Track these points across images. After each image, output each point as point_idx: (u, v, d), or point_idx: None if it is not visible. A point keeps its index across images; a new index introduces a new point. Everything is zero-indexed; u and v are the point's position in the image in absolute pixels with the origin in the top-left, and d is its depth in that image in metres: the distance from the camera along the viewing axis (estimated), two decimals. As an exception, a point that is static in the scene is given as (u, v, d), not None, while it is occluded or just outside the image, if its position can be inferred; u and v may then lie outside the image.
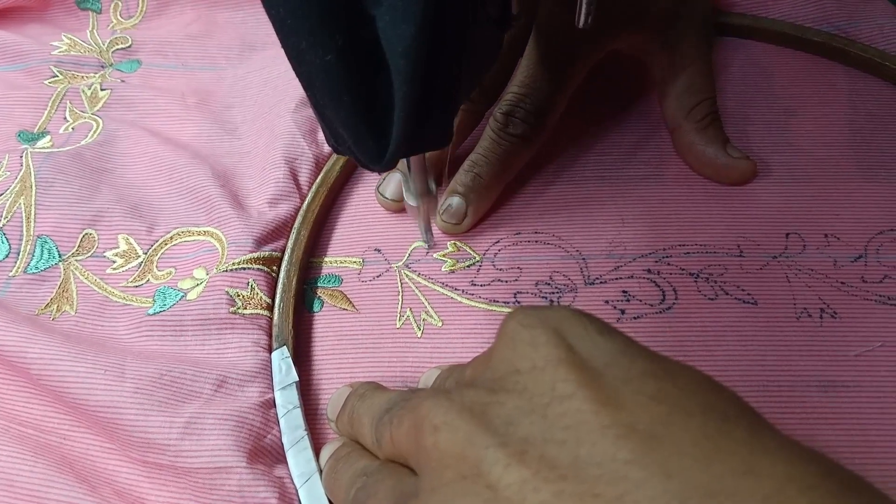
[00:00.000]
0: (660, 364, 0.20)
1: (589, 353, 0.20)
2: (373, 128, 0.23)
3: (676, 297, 0.35)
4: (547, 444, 0.18)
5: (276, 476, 0.30)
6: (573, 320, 0.21)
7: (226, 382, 0.31)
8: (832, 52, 0.44)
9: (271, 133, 0.41)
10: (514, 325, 0.22)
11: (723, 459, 0.17)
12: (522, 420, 0.19)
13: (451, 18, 0.22)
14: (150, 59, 0.49)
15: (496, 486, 0.19)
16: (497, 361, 0.22)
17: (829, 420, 0.31)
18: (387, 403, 0.26)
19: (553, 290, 0.36)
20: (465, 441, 0.20)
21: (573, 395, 0.19)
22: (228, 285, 0.34)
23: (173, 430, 0.29)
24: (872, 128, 0.41)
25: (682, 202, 0.38)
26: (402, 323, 0.35)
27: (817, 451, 0.18)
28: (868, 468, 0.30)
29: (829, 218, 0.37)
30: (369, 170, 0.26)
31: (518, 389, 0.20)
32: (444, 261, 0.37)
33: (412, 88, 0.22)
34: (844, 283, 0.35)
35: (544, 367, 0.20)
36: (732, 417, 0.18)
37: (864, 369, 0.33)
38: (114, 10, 0.51)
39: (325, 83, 0.22)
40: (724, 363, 0.33)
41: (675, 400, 0.18)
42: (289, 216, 0.37)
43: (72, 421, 0.32)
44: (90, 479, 0.30)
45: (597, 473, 0.17)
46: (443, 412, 0.21)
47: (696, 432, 0.18)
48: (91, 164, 0.42)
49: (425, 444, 0.21)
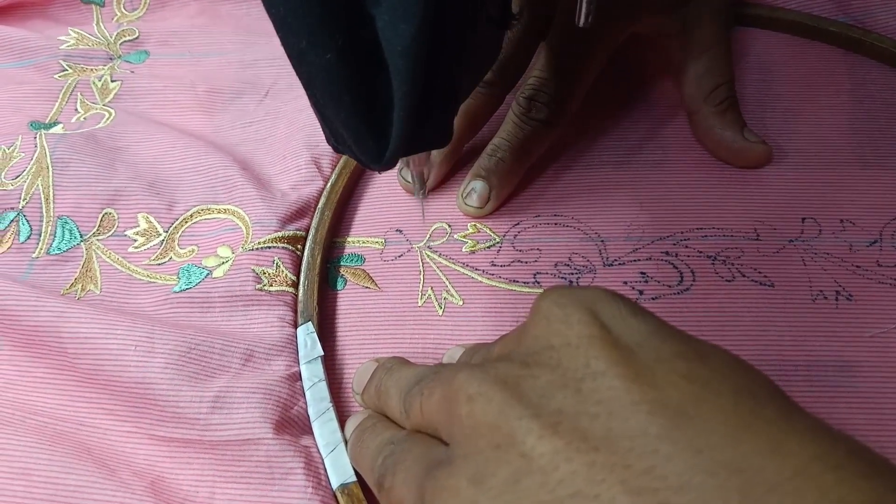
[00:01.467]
0: (691, 345, 0.20)
1: (622, 333, 0.20)
2: (373, 127, 0.23)
3: (694, 279, 0.36)
4: (580, 416, 0.19)
5: (302, 445, 0.30)
6: (606, 300, 0.22)
7: (253, 356, 0.32)
8: (848, 43, 0.44)
9: (290, 123, 0.41)
10: (548, 303, 0.22)
11: (751, 438, 0.17)
12: (556, 393, 0.20)
13: (450, 18, 0.22)
14: (157, 50, 0.49)
15: (529, 455, 0.19)
16: (530, 338, 0.22)
17: (846, 398, 0.32)
18: (415, 377, 0.27)
19: (572, 272, 0.36)
20: (498, 411, 0.20)
21: (606, 372, 0.19)
22: (255, 263, 0.34)
23: (203, 404, 0.30)
24: (888, 116, 0.41)
25: (699, 186, 0.39)
26: (423, 301, 0.36)
27: (845, 433, 0.18)
28: (884, 445, 0.31)
29: (845, 203, 0.38)
30: (370, 169, 0.26)
31: (552, 364, 0.21)
32: (464, 242, 0.37)
33: (412, 88, 0.22)
34: (860, 267, 0.36)
35: (578, 344, 0.20)
36: (762, 398, 0.19)
37: (880, 350, 0.33)
38: (117, 3, 0.52)
39: (325, 83, 0.23)
40: (741, 343, 0.34)
41: (705, 380, 0.19)
42: (312, 197, 0.38)
43: (89, 406, 0.32)
44: (108, 462, 0.31)
45: (628, 446, 0.18)
46: (477, 383, 0.21)
47: (726, 411, 0.18)
48: (105, 143, 0.42)
49: (459, 412, 0.21)
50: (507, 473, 0.19)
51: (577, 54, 0.37)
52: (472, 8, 0.24)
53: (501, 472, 0.20)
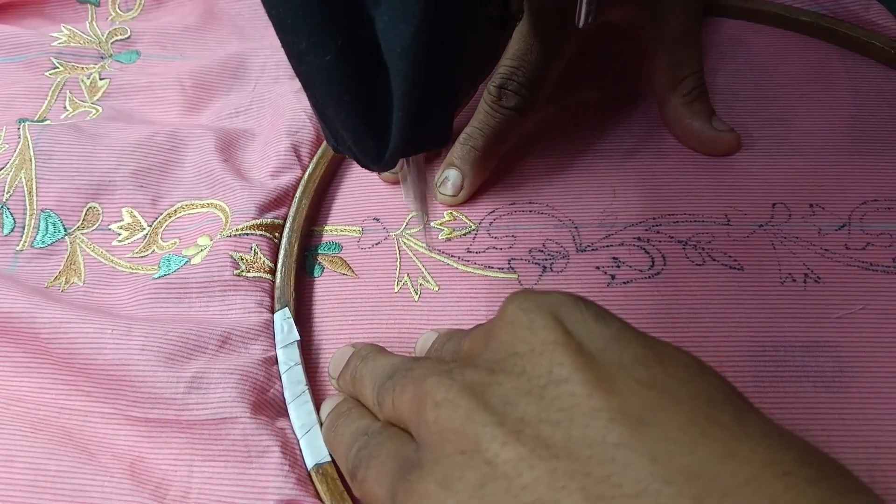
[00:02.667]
0: (652, 349, 0.21)
1: (585, 338, 0.21)
2: (373, 128, 0.23)
3: (665, 264, 0.36)
4: (542, 424, 0.19)
5: (277, 427, 0.31)
6: (571, 305, 0.22)
7: (230, 339, 0.32)
8: (820, 32, 0.45)
9: (275, 110, 0.42)
10: (513, 308, 0.22)
11: (707, 444, 0.18)
12: (520, 400, 0.20)
13: (450, 18, 0.22)
14: (148, 50, 0.49)
15: (494, 462, 0.20)
16: (496, 343, 0.22)
17: (813, 378, 0.32)
18: (389, 368, 0.27)
19: (546, 257, 0.37)
20: (465, 418, 0.21)
21: (568, 379, 0.20)
22: (232, 249, 0.35)
23: (180, 384, 0.31)
24: (858, 103, 0.42)
25: (672, 173, 0.39)
26: (399, 287, 0.36)
27: (799, 437, 0.19)
28: (848, 423, 0.31)
29: (815, 189, 0.38)
30: (369, 169, 0.26)
31: (516, 371, 0.21)
32: (440, 229, 0.38)
33: (411, 88, 0.22)
34: (828, 251, 0.36)
35: (542, 350, 0.21)
36: (719, 402, 0.19)
37: (847, 331, 0.34)
38: (112, 2, 0.52)
39: (325, 83, 0.23)
40: (710, 326, 0.34)
41: (664, 386, 0.19)
42: (290, 186, 0.38)
43: (69, 391, 0.32)
44: (89, 446, 0.31)
45: (588, 454, 0.18)
46: (444, 390, 0.22)
47: (683, 418, 0.18)
48: (88, 133, 0.42)
49: (427, 418, 0.22)
50: (474, 479, 0.20)
51: (547, 42, 0.37)
52: (472, 8, 0.24)
53: (468, 477, 0.20)
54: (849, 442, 0.31)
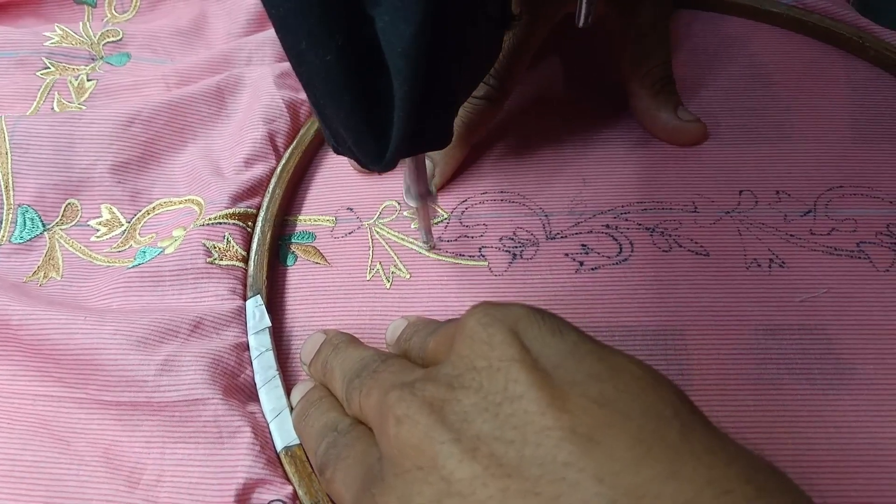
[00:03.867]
0: (606, 363, 0.21)
1: (541, 354, 0.21)
2: (373, 128, 0.23)
3: (632, 250, 0.37)
4: (497, 442, 0.20)
5: (248, 411, 0.31)
6: (528, 320, 0.23)
7: (202, 325, 0.33)
8: (790, 23, 0.45)
9: (253, 92, 0.42)
10: (473, 323, 0.23)
11: (651, 464, 0.18)
12: (476, 417, 0.21)
13: (450, 19, 0.22)
14: (139, 53, 0.49)
15: (449, 479, 0.20)
16: (457, 357, 0.23)
17: (775, 360, 0.33)
18: (358, 364, 0.28)
19: (516, 245, 0.37)
20: (423, 434, 0.21)
21: (523, 396, 0.20)
22: (205, 238, 0.36)
23: (151, 367, 0.31)
24: (825, 92, 0.42)
25: (641, 163, 0.40)
26: (371, 275, 0.37)
27: (745, 450, 0.20)
28: (811, 402, 0.32)
29: (782, 176, 0.39)
30: (369, 170, 0.26)
31: (474, 387, 0.21)
32: (413, 218, 0.39)
33: (412, 88, 0.22)
34: (793, 236, 0.37)
35: (499, 366, 0.21)
36: (667, 418, 0.20)
37: (809, 314, 0.34)
38: (109, 4, 0.52)
39: (325, 83, 0.23)
40: (676, 309, 0.35)
41: (615, 403, 0.20)
42: (264, 176, 0.39)
43: (42, 377, 0.33)
44: (65, 434, 0.32)
45: (538, 473, 0.19)
46: (405, 406, 0.22)
47: (631, 436, 0.19)
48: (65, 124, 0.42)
49: (389, 433, 0.23)
50: (431, 495, 0.21)
51: (516, 32, 0.38)
52: (472, 8, 0.24)
53: (426, 493, 0.21)
54: (812, 422, 0.31)
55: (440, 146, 0.26)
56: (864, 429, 0.31)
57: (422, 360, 0.28)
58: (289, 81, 0.43)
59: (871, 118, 0.41)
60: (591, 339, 0.22)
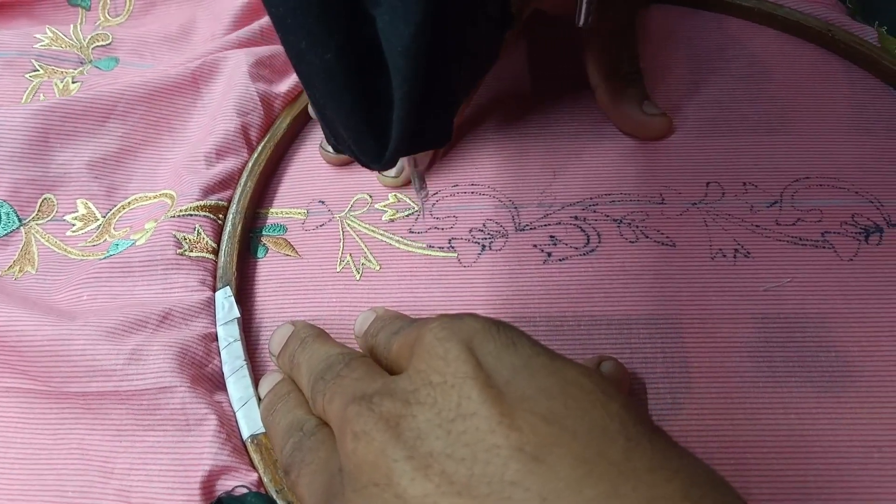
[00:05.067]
0: (557, 378, 0.22)
1: (494, 369, 0.22)
2: (373, 127, 0.23)
3: (600, 241, 0.37)
4: (448, 459, 0.20)
5: (215, 400, 0.32)
6: (484, 334, 0.23)
7: (171, 316, 0.33)
8: (760, 17, 0.46)
9: (227, 80, 0.42)
10: (430, 338, 0.23)
11: (593, 483, 0.19)
12: (430, 434, 0.21)
13: (450, 19, 0.22)
14: (127, 58, 0.49)
15: (403, 497, 0.21)
16: (414, 371, 0.23)
17: (737, 349, 0.34)
18: (324, 363, 0.28)
19: (486, 236, 0.38)
20: (379, 451, 0.22)
21: (475, 414, 0.21)
22: (176, 229, 0.36)
23: (120, 356, 0.32)
24: (794, 85, 0.43)
25: (610, 155, 0.40)
26: (342, 267, 0.37)
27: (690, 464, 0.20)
28: (773, 390, 0.32)
29: (749, 167, 0.39)
30: (369, 168, 0.26)
31: (429, 402, 0.22)
32: (384, 211, 0.39)
33: (412, 88, 0.22)
34: (759, 227, 0.37)
35: (453, 383, 0.22)
36: (613, 434, 0.20)
37: (773, 303, 0.35)
38: (102, 7, 0.52)
39: (325, 82, 0.23)
40: (642, 299, 0.35)
41: (563, 420, 0.20)
42: (236, 169, 0.39)
43: (9, 372, 0.33)
44: (40, 427, 0.32)
45: (486, 492, 0.19)
46: (363, 421, 0.23)
47: (576, 455, 0.19)
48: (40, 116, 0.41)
49: (347, 448, 0.23)
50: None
51: None
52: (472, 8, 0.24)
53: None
54: (773, 409, 0.32)
55: (440, 145, 0.26)
56: (824, 414, 0.32)
57: (385, 360, 0.29)
58: (264, 72, 0.43)
59: (840, 110, 0.42)
60: (545, 352, 0.23)
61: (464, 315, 0.24)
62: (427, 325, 0.24)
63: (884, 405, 0.32)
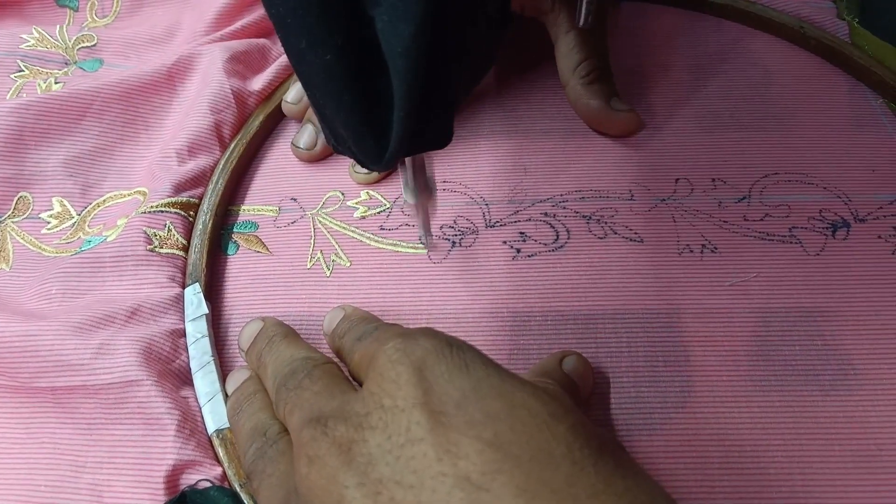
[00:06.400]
0: (505, 401, 0.22)
1: (443, 392, 0.22)
2: (373, 128, 0.23)
3: (569, 237, 0.37)
4: (397, 486, 0.21)
5: (181, 395, 0.32)
6: (436, 355, 0.23)
7: (139, 312, 0.34)
8: (734, 14, 0.46)
9: (202, 77, 0.43)
10: (384, 360, 0.24)
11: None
12: (380, 460, 0.21)
13: (450, 18, 0.22)
14: (111, 60, 0.49)
15: None
16: (368, 393, 0.24)
17: (702, 343, 0.34)
18: (288, 367, 0.29)
19: (456, 233, 0.38)
20: (330, 477, 0.22)
21: (423, 440, 0.21)
22: (146, 226, 0.36)
23: (87, 351, 0.32)
24: (766, 82, 0.43)
25: (581, 152, 0.41)
26: (312, 264, 0.37)
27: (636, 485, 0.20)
28: (737, 384, 0.32)
29: (718, 164, 0.40)
30: (369, 169, 0.26)
31: (380, 427, 0.22)
32: (356, 208, 0.39)
33: (412, 88, 0.22)
34: (727, 222, 0.37)
35: (403, 407, 0.22)
36: (558, 459, 0.20)
37: (737, 297, 0.35)
38: (90, 8, 0.52)
39: (325, 83, 0.23)
40: (608, 294, 0.35)
41: (508, 445, 0.20)
42: (208, 166, 0.39)
43: None
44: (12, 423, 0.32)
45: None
46: (317, 446, 0.23)
47: (518, 483, 0.20)
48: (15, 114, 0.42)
49: (301, 471, 0.23)
50: None
51: None
52: (472, 8, 0.24)
53: None
54: (737, 403, 0.32)
55: (440, 146, 0.26)
56: (786, 408, 0.32)
57: (348, 365, 0.29)
58: (238, 68, 0.43)
59: (811, 106, 0.42)
60: (496, 373, 0.23)
61: (418, 334, 0.24)
62: (383, 344, 0.24)
63: (848, 397, 0.32)
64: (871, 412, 0.31)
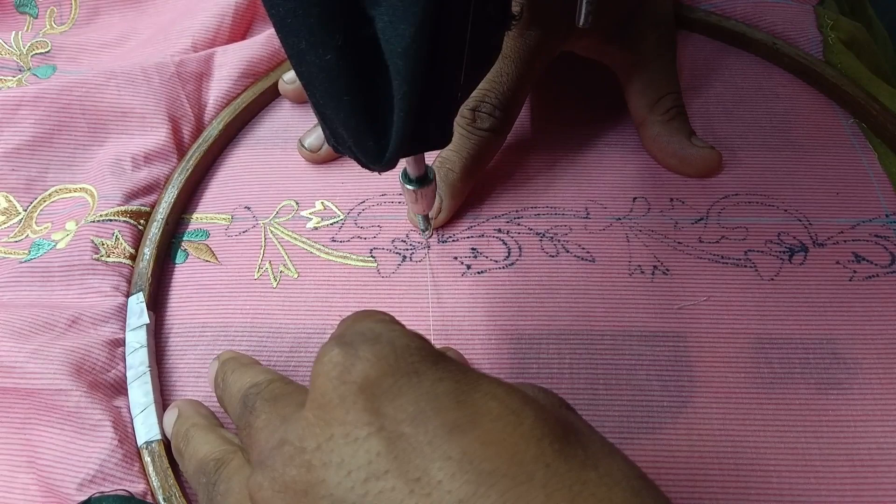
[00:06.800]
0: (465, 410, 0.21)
1: (398, 410, 0.20)
2: (373, 128, 0.23)
3: (521, 254, 0.37)
4: None
5: (113, 405, 0.32)
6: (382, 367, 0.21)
7: (79, 321, 0.34)
8: (708, 28, 0.45)
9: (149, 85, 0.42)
10: (323, 380, 0.21)
11: None
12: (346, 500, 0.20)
13: (450, 18, 0.22)
14: (64, 66, 0.49)
15: None
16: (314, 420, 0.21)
17: (646, 367, 0.33)
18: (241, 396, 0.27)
19: (407, 247, 0.38)
20: None
21: (387, 472, 0.20)
22: (94, 234, 0.36)
23: (21, 354, 0.32)
24: (735, 99, 0.42)
25: (538, 168, 0.40)
26: (259, 274, 0.37)
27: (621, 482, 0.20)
28: (676, 410, 0.32)
29: (678, 183, 0.39)
30: (370, 169, 0.26)
31: (336, 462, 0.20)
32: (309, 218, 0.39)
33: (412, 88, 0.22)
34: (681, 243, 0.37)
35: (356, 436, 0.20)
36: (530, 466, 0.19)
37: (686, 321, 0.34)
38: (49, 15, 0.52)
39: (325, 83, 0.22)
40: (555, 314, 0.35)
41: (480, 462, 0.19)
42: (163, 175, 0.39)
43: None
44: None
45: None
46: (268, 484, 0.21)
47: None
48: None
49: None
50: None
51: (517, 65, 0.37)
52: (473, 8, 0.24)
53: None
54: (676, 429, 0.31)
55: (440, 146, 0.26)
56: (724, 433, 0.31)
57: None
58: (191, 70, 0.43)
59: (778, 125, 0.41)
60: (448, 374, 0.22)
61: (357, 342, 0.22)
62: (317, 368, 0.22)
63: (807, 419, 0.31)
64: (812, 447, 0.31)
